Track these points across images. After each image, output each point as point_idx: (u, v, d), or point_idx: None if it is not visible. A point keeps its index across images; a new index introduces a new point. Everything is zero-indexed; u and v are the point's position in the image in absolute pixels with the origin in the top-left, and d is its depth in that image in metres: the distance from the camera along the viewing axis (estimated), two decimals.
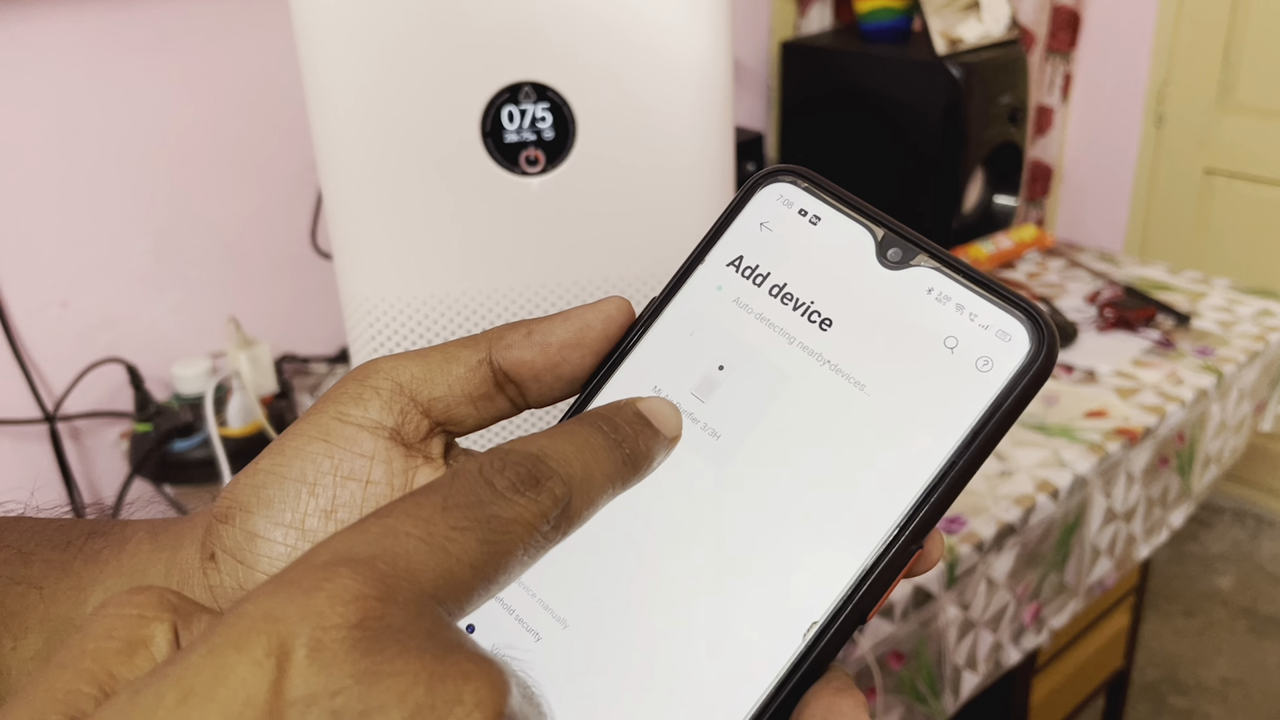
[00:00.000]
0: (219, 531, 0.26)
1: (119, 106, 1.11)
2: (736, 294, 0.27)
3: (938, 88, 1.45)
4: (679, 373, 0.27)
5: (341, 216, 0.67)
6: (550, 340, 0.27)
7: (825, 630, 0.24)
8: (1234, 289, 1.49)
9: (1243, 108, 2.07)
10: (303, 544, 0.26)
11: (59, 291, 1.12)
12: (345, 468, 0.26)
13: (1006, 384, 0.25)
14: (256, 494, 0.26)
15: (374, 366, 0.28)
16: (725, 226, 0.28)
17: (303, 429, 0.27)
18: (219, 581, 0.26)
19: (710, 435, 0.26)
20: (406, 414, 0.27)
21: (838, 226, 0.27)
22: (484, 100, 0.63)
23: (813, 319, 0.26)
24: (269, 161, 1.23)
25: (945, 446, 0.25)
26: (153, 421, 1.09)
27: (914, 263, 0.26)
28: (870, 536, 0.25)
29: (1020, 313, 0.25)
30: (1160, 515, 1.27)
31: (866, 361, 0.26)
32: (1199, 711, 1.83)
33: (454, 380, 0.27)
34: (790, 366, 0.26)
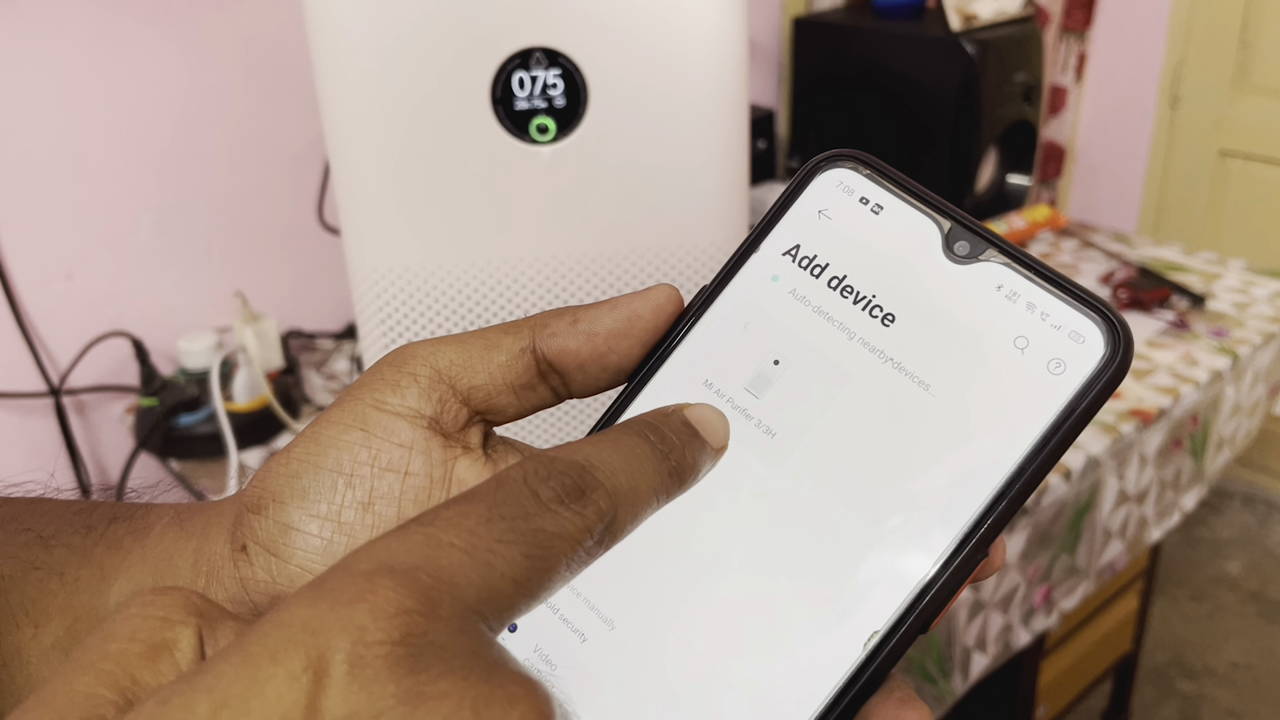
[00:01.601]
0: (250, 522, 0.25)
1: (124, 79, 1.10)
2: (793, 285, 0.26)
3: (952, 65, 1.43)
4: (732, 367, 0.26)
5: (349, 186, 0.66)
6: (597, 329, 0.26)
7: (887, 640, 0.23)
8: (1249, 270, 1.48)
9: (1259, 89, 2.04)
10: (339, 537, 0.25)
11: (64, 265, 1.11)
12: (383, 458, 0.25)
13: (1080, 388, 0.23)
14: (290, 484, 0.25)
15: (411, 352, 0.26)
16: (781, 213, 0.26)
17: (338, 416, 0.26)
18: (250, 574, 0.25)
19: (765, 433, 0.25)
20: (445, 402, 0.26)
21: (901, 216, 0.26)
22: (494, 66, 0.62)
23: (874, 314, 0.25)
24: (275, 135, 1.21)
25: (1014, 452, 0.23)
26: (158, 396, 1.08)
27: (983, 257, 0.25)
28: (935, 544, 0.23)
29: (1095, 313, 0.24)
30: (1172, 498, 1.25)
31: (931, 360, 0.24)
32: (1206, 696, 1.82)
33: (495, 368, 0.26)
34: (850, 363, 0.25)
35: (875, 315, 0.25)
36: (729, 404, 0.25)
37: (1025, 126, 1.53)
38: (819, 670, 0.23)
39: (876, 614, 0.23)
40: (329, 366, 1.24)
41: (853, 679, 0.23)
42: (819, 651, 0.23)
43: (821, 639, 0.24)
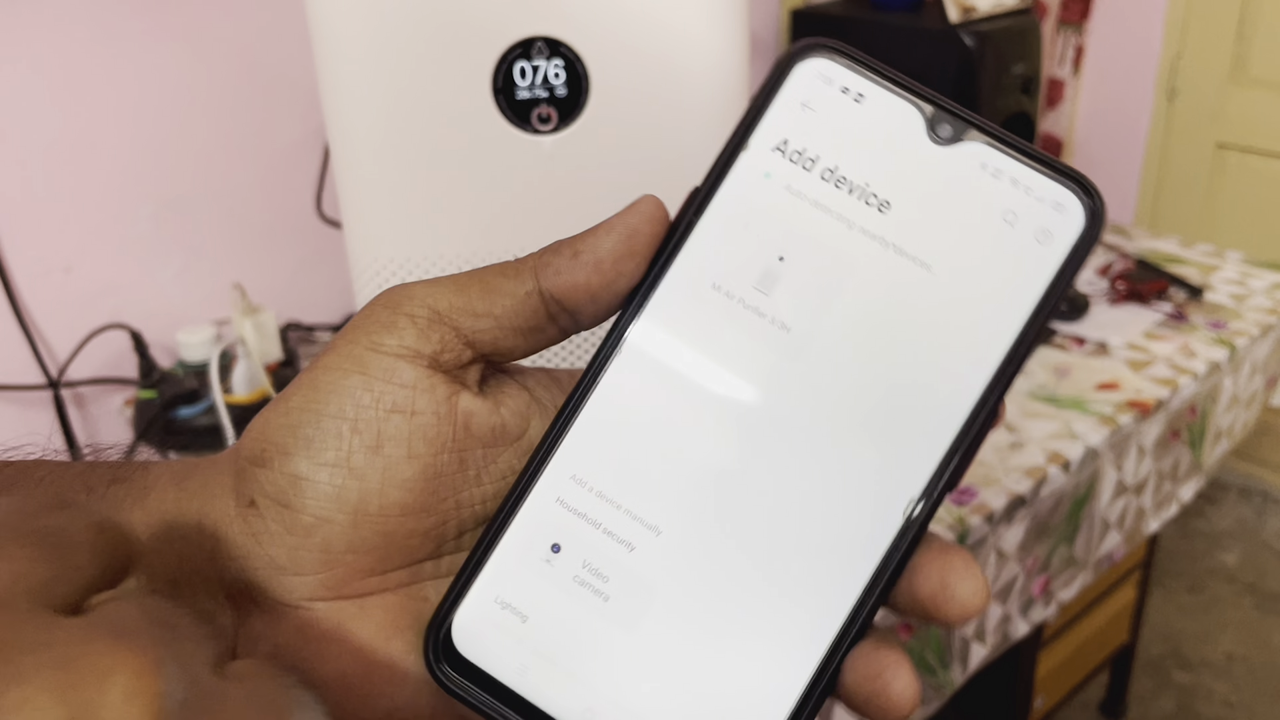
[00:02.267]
0: (256, 476, 0.25)
1: (122, 71, 1.10)
2: (787, 180, 0.26)
3: (950, 56, 1.43)
4: (737, 268, 0.26)
5: (350, 177, 0.66)
6: (601, 256, 0.25)
7: (923, 502, 0.25)
8: (1247, 262, 1.48)
9: (1256, 81, 2.05)
10: (351, 482, 0.24)
11: (62, 257, 1.11)
12: (387, 400, 0.25)
13: (1068, 255, 0.25)
14: (293, 434, 0.25)
15: (406, 292, 0.26)
16: (764, 108, 0.26)
17: (334, 361, 0.25)
18: (263, 528, 0.25)
19: (780, 329, 0.26)
20: (446, 342, 0.25)
21: (884, 104, 0.26)
22: (495, 56, 0.62)
23: (870, 202, 0.26)
24: (273, 126, 1.21)
25: (1016, 318, 0.25)
26: (157, 388, 1.08)
27: (965, 138, 0.26)
28: (955, 410, 0.25)
29: (1072, 182, 0.25)
30: (1170, 489, 1.26)
31: (928, 241, 0.25)
32: (1203, 687, 1.83)
33: (500, 312, 0.26)
34: (852, 252, 0.25)
35: (870, 203, 0.25)
36: (740, 304, 0.26)
37: (1023, 119, 1.53)
38: (866, 543, 0.25)
39: (911, 482, 0.25)
40: None
41: (896, 543, 0.25)
42: (864, 527, 0.25)
43: (864, 515, 0.25)
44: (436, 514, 0.26)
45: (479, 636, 0.25)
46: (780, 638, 0.25)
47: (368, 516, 0.25)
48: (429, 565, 0.26)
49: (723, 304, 0.26)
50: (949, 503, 0.96)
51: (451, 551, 0.27)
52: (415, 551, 0.26)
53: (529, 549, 0.25)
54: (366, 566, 0.25)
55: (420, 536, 0.26)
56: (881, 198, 0.25)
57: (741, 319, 0.26)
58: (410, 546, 0.26)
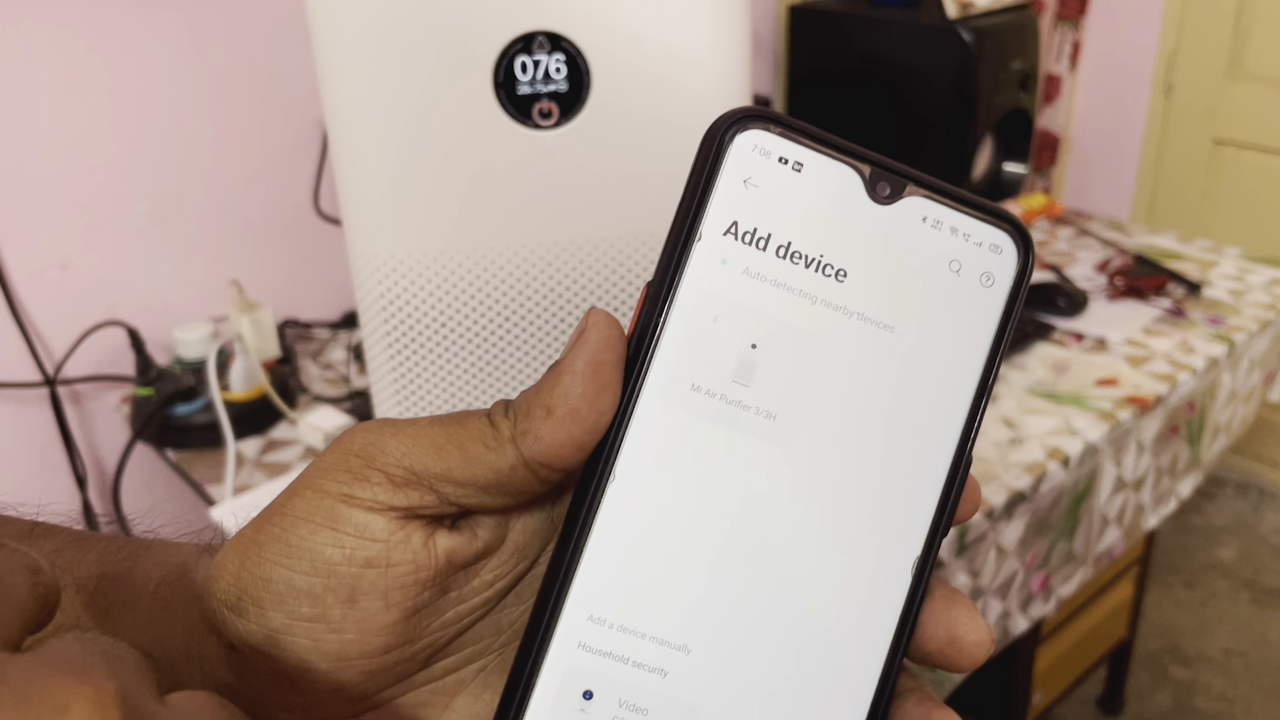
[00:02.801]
0: (234, 624, 0.24)
1: (119, 66, 1.09)
2: (744, 264, 0.25)
3: (948, 52, 1.43)
4: (713, 363, 0.25)
5: (350, 172, 0.65)
6: (576, 404, 0.24)
7: (925, 558, 0.26)
8: (1245, 258, 1.48)
9: (1252, 77, 2.05)
10: (329, 635, 0.24)
11: (59, 253, 1.10)
12: (360, 556, 0.24)
13: (1009, 293, 0.26)
14: (266, 588, 0.24)
15: (379, 446, 0.25)
16: (708, 191, 0.25)
17: (305, 512, 0.24)
18: (245, 669, 0.25)
19: (766, 418, 0.26)
20: (426, 502, 0.25)
21: (822, 170, 0.26)
22: (496, 50, 0.61)
23: (827, 273, 0.26)
24: (271, 123, 1.21)
25: (976, 362, 0.26)
26: (154, 385, 1.08)
27: (905, 194, 0.26)
28: (940, 463, 0.26)
29: (1003, 223, 0.26)
30: (1169, 485, 1.26)
31: (888, 303, 0.26)
32: (1200, 682, 1.83)
33: (484, 483, 0.25)
34: (821, 327, 0.26)
35: (828, 274, 0.26)
36: (722, 400, 0.25)
37: (1021, 114, 1.53)
38: (882, 608, 0.26)
39: (912, 541, 0.26)
40: (325, 356, 1.24)
41: (910, 601, 0.26)
42: (879, 596, 0.26)
43: (877, 584, 0.26)
44: (424, 638, 0.26)
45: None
46: (822, 705, 0.26)
47: (349, 661, 0.25)
48: (419, 675, 0.26)
49: (705, 405, 0.25)
50: None
51: (442, 659, 0.27)
52: (405, 671, 0.26)
53: (560, 701, 0.25)
54: (355, 697, 0.25)
55: (408, 661, 0.26)
56: (837, 267, 0.26)
57: (726, 417, 0.25)
58: (399, 671, 0.26)
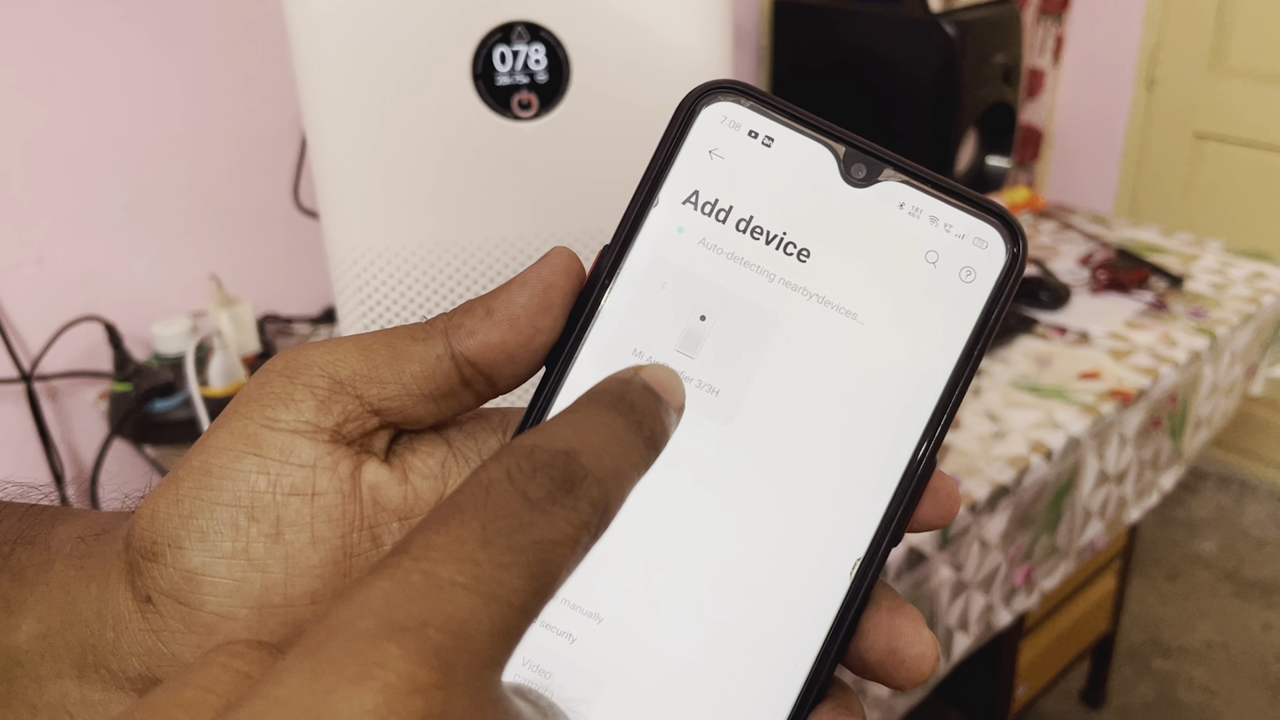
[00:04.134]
0: (149, 572, 0.23)
1: (95, 57, 1.08)
2: (701, 234, 0.25)
3: (931, 46, 1.43)
4: (658, 330, 0.25)
5: (328, 165, 0.64)
6: (516, 313, 0.24)
7: (868, 563, 0.24)
8: (1227, 251, 1.48)
9: (1234, 72, 2.05)
10: (252, 574, 0.22)
11: (34, 248, 1.09)
12: (285, 483, 0.23)
13: (992, 291, 0.25)
14: (185, 525, 0.22)
15: (304, 359, 0.24)
16: (671, 159, 0.25)
17: (226, 442, 0.23)
18: (162, 625, 0.23)
19: (709, 392, 0.25)
20: (350, 413, 0.24)
21: (794, 147, 0.25)
22: (475, 41, 0.61)
23: (788, 251, 0.25)
24: (249, 115, 1.20)
25: (946, 362, 0.24)
26: (132, 381, 1.07)
27: (881, 178, 0.25)
28: (892, 463, 0.24)
29: (992, 216, 0.25)
30: (1151, 478, 1.26)
31: (852, 288, 0.25)
32: (1182, 674, 1.84)
33: (409, 379, 0.24)
34: (776, 305, 0.25)
35: (790, 253, 0.25)
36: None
37: (1004, 108, 1.53)
38: (814, 608, 0.24)
39: (855, 542, 0.24)
40: None
41: (845, 606, 0.24)
42: (810, 591, 0.24)
43: (810, 579, 0.24)
44: None
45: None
46: (737, 713, 0.24)
47: (273, 609, 0.23)
48: None
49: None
50: None
51: None
52: None
53: None
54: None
55: None
56: (800, 246, 0.25)
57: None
58: None
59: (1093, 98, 2.23)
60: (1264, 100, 2.02)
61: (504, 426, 0.26)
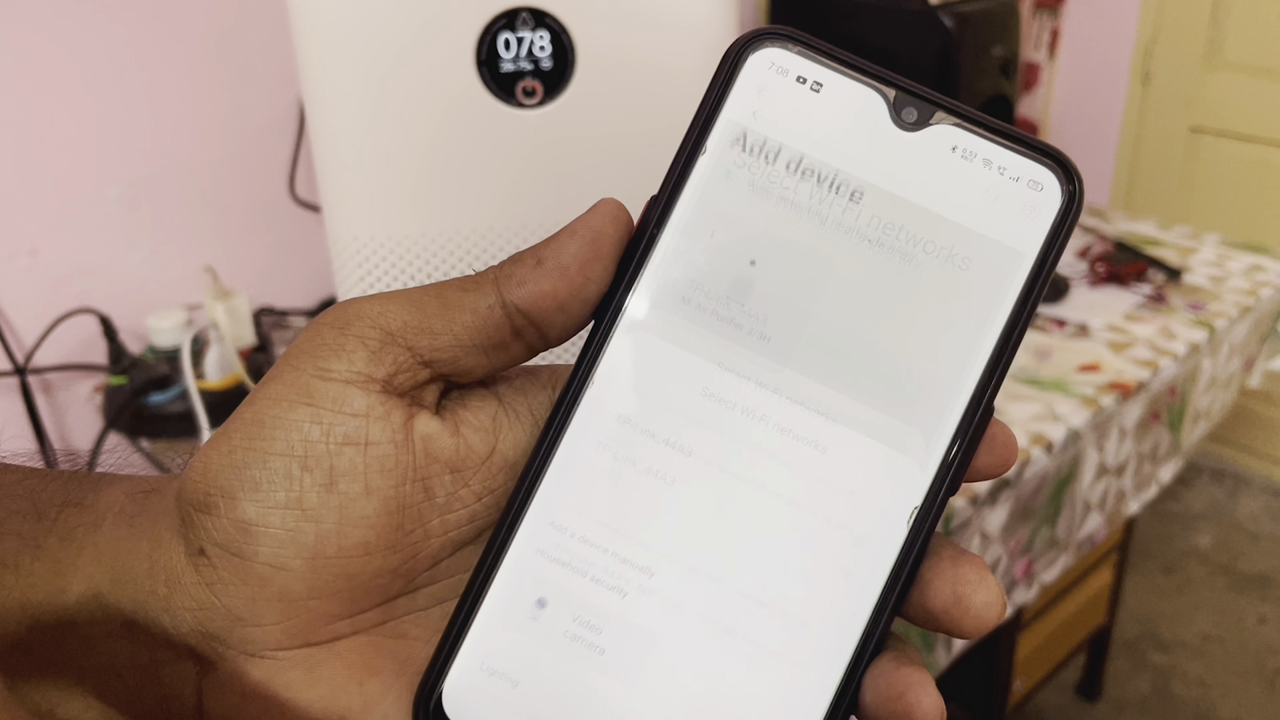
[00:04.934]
0: (203, 524, 0.23)
1: (89, 48, 1.07)
2: (750, 178, 0.24)
3: (929, 38, 1.42)
4: (708, 278, 0.24)
5: (329, 152, 0.64)
6: (566, 261, 0.24)
7: (927, 510, 0.24)
8: (1225, 244, 1.48)
9: (1230, 65, 2.05)
10: (305, 525, 0.23)
11: (28, 239, 1.08)
12: (338, 432, 0.23)
13: (1049, 233, 0.24)
14: (238, 475, 0.23)
15: (355, 311, 0.24)
16: (719, 106, 0.25)
17: (279, 392, 0.23)
18: (215, 578, 0.23)
19: (760, 339, 0.24)
20: (401, 364, 0.24)
21: (844, 91, 0.24)
22: (479, 27, 0.60)
23: (840, 192, 0.24)
24: (246, 105, 1.19)
25: (1003, 304, 0.24)
26: (127, 374, 1.06)
27: (933, 121, 0.24)
28: (952, 406, 0.24)
29: (1048, 159, 0.24)
30: (1150, 470, 1.26)
31: (907, 231, 0.24)
32: (1178, 668, 1.84)
33: (460, 329, 0.24)
34: (828, 248, 0.24)
35: (842, 194, 0.24)
36: (714, 317, 0.24)
37: (1002, 101, 1.52)
38: (872, 557, 0.24)
39: (913, 489, 0.24)
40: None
41: (904, 555, 0.24)
42: (867, 541, 0.24)
43: (867, 528, 0.24)
44: (404, 548, 0.24)
45: (470, 705, 0.23)
46: (793, 665, 0.23)
47: (327, 560, 0.23)
48: (403, 601, 0.25)
49: (696, 318, 0.24)
50: None
51: (427, 584, 0.25)
52: (386, 589, 0.24)
53: (512, 607, 0.24)
54: (332, 611, 0.23)
55: (389, 574, 0.24)
56: (852, 189, 0.24)
57: (718, 333, 0.24)
58: (379, 585, 0.24)
59: (1088, 91, 2.23)
60: (1259, 94, 2.02)
61: (553, 382, 0.26)
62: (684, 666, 0.23)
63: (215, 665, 0.23)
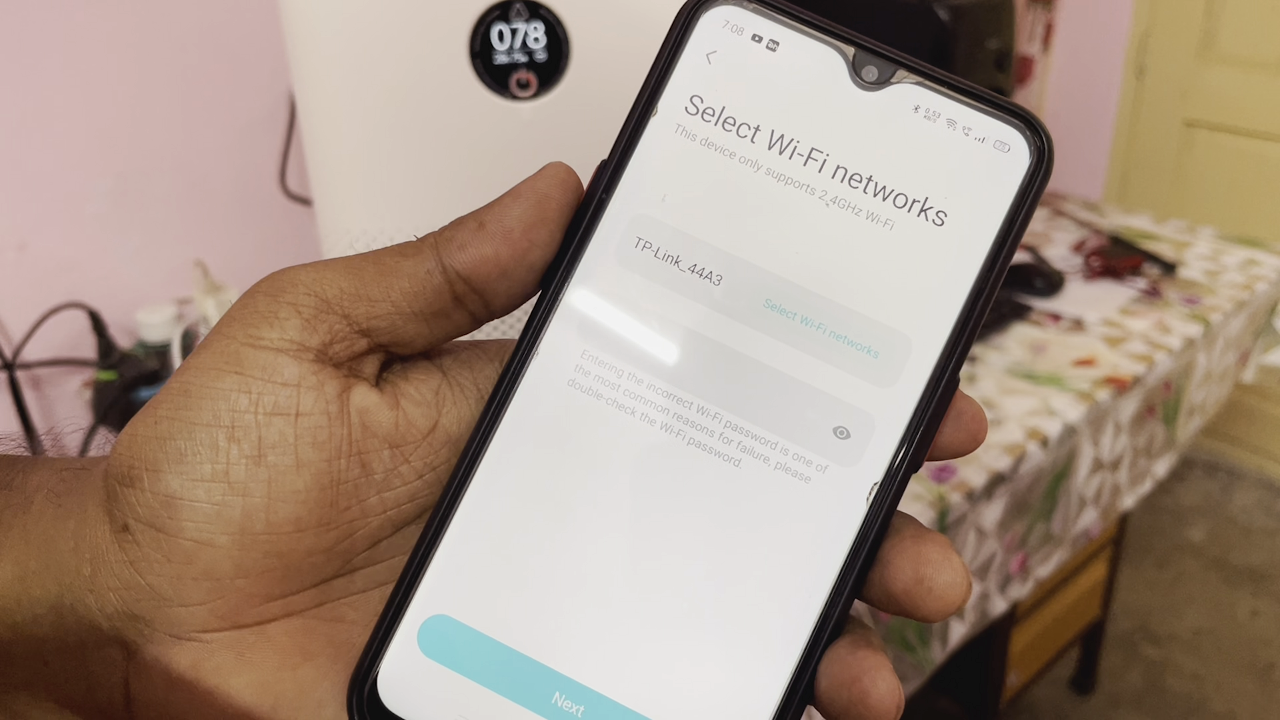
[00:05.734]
0: (125, 498, 0.22)
1: (78, 40, 1.06)
2: (703, 139, 0.24)
3: (924, 31, 1.42)
4: (659, 242, 0.23)
5: (320, 144, 0.63)
6: (510, 225, 0.23)
7: (887, 487, 0.23)
8: (1219, 238, 1.48)
9: (1224, 59, 2.05)
10: (232, 498, 0.22)
11: (16, 234, 1.07)
12: (267, 402, 0.22)
13: (1015, 196, 0.23)
14: (162, 447, 0.22)
15: (290, 278, 0.23)
16: (670, 66, 0.24)
17: (207, 361, 0.22)
18: (140, 555, 0.22)
19: (713, 302, 0.23)
20: (336, 333, 0.23)
21: (800, 49, 0.24)
22: (472, 18, 0.59)
23: (797, 154, 0.23)
24: (236, 99, 1.18)
25: (968, 272, 0.23)
26: (117, 369, 1.05)
27: (894, 80, 0.23)
28: (916, 374, 0.23)
29: (1014, 118, 0.23)
30: (1145, 465, 1.26)
31: (866, 193, 0.23)
32: (1171, 661, 1.84)
33: (398, 296, 0.23)
34: (785, 211, 0.23)
35: (799, 155, 0.23)
36: (665, 281, 0.23)
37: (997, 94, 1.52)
38: (829, 533, 0.23)
39: (872, 464, 0.23)
40: None
41: (863, 534, 0.23)
42: (824, 515, 0.23)
43: (820, 504, 0.23)
44: (339, 526, 0.23)
45: (407, 691, 0.23)
46: (746, 647, 0.22)
47: (255, 536, 0.22)
48: (339, 582, 0.24)
49: (647, 284, 0.23)
50: (929, 479, 0.95)
51: (365, 565, 0.24)
52: (319, 569, 0.23)
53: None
54: (262, 591, 0.22)
55: (323, 553, 0.23)
56: (810, 149, 0.23)
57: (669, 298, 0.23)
58: (312, 564, 0.23)
59: (1082, 85, 2.22)
60: (1253, 88, 2.02)
61: (500, 356, 0.25)
62: (634, 649, 0.23)
63: (141, 649, 0.22)
